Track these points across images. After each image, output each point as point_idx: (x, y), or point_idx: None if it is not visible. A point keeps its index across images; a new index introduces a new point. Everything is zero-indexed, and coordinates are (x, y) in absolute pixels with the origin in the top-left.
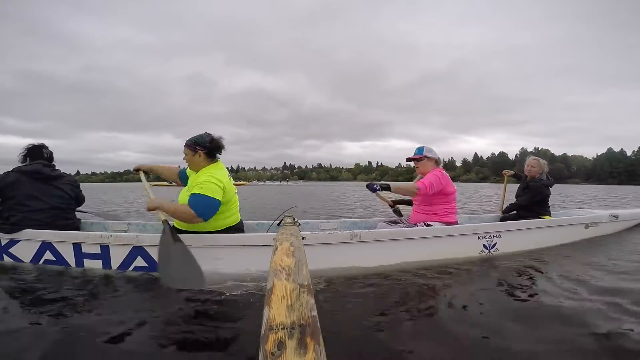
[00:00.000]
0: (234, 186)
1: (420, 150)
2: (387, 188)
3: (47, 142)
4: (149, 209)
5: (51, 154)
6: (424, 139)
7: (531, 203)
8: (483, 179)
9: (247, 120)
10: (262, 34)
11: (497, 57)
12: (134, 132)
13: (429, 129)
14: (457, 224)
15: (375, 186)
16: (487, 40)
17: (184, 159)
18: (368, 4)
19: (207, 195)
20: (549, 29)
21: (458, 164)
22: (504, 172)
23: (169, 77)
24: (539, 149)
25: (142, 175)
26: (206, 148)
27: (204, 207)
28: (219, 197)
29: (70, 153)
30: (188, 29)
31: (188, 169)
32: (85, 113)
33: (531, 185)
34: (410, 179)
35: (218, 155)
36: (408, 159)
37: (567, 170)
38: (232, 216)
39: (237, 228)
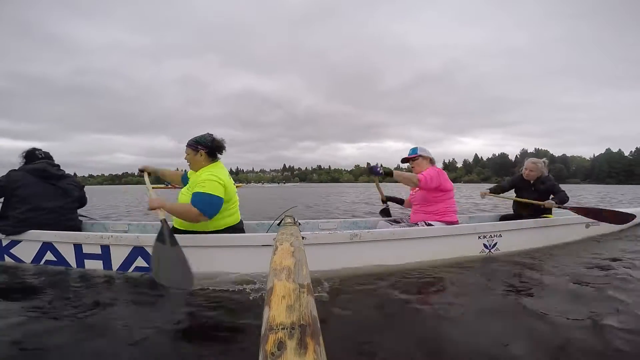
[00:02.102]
0: (234, 186)
1: (414, 150)
2: (390, 174)
3: (40, 144)
4: (151, 208)
5: (47, 153)
6: (419, 140)
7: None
8: (484, 180)
9: (241, 122)
10: (256, 35)
11: (492, 58)
12: (128, 134)
13: (424, 130)
14: (458, 223)
15: (378, 169)
16: (483, 40)
17: (185, 158)
18: (362, 4)
19: (209, 193)
20: (546, 29)
21: (459, 165)
22: (482, 192)
23: (163, 79)
24: (539, 149)
25: (145, 177)
26: (207, 147)
27: (208, 205)
28: (221, 194)
29: (64, 155)
30: (181, 30)
31: (189, 170)
32: (78, 115)
33: (541, 186)
34: None
35: (219, 155)
36: (403, 160)
37: (566, 170)
38: (232, 215)
39: (238, 228)
